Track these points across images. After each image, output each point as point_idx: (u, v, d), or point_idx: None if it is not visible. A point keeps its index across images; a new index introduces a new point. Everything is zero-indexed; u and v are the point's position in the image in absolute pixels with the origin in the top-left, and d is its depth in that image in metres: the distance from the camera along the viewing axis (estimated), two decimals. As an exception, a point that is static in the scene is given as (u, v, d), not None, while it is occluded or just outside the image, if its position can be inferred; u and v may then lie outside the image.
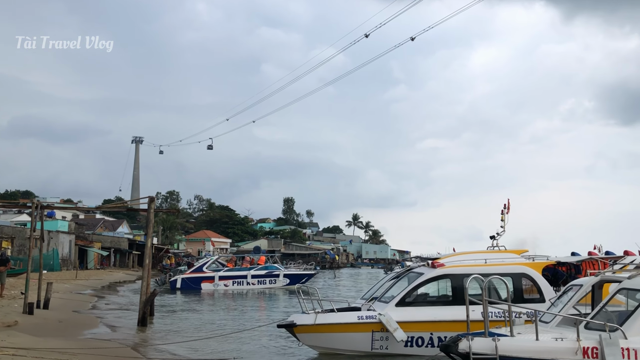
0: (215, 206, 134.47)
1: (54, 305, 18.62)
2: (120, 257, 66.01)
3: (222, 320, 18.91)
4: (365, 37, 27.67)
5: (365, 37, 27.66)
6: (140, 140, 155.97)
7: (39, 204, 17.06)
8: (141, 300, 16.24)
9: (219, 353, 11.46)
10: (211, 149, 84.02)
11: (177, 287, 35.38)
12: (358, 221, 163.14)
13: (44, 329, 13.74)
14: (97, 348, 10.53)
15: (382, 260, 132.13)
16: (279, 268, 39.09)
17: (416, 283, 11.00)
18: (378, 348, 10.68)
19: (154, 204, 17.09)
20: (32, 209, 16.75)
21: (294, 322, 10.76)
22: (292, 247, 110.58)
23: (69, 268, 49.89)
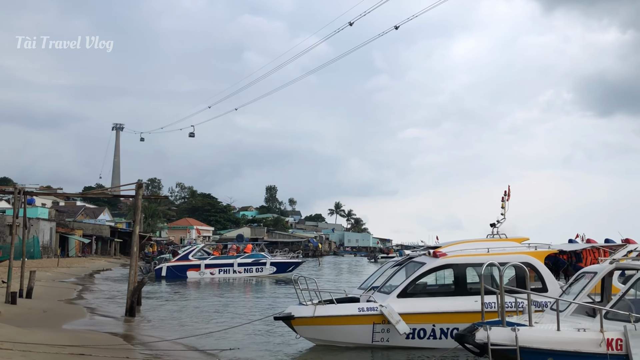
0: (197, 194, 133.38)
1: (37, 294, 18.03)
2: (102, 244, 64.97)
3: (213, 310, 18.52)
4: (349, 25, 27.18)
5: (349, 25, 27.18)
6: (120, 127, 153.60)
7: (21, 189, 16.40)
8: (129, 290, 15.76)
9: (215, 344, 11.07)
10: (193, 136, 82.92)
11: (162, 276, 34.76)
12: (340, 210, 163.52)
13: (29, 320, 13.20)
14: (87, 346, 10.03)
15: (364, 249, 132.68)
16: (266, 256, 38.72)
17: (418, 273, 10.70)
18: (379, 340, 10.38)
19: (142, 189, 16.55)
20: (14, 195, 16.08)
21: (291, 314, 10.39)
22: (275, 235, 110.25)
23: (50, 256, 48.90)
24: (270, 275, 36.87)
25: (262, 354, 10.57)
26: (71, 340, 10.34)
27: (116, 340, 10.92)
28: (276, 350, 10.92)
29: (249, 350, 10.82)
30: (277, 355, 10.52)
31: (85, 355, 8.88)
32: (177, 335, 12.32)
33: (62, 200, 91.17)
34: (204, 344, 11.08)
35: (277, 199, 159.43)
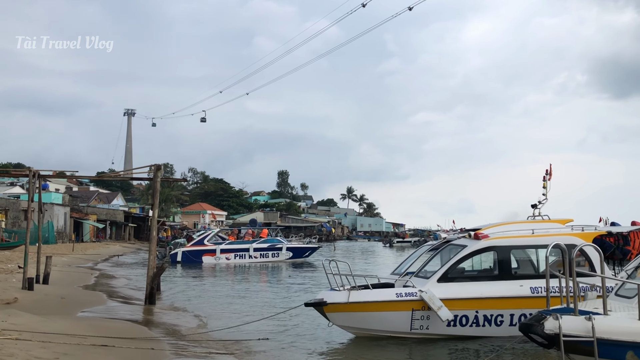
0: (210, 179, 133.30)
1: (53, 280, 17.60)
2: (116, 229, 64.96)
3: (235, 295, 17.99)
4: (362, 6, 26.30)
5: (362, 7, 26.29)
6: (132, 112, 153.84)
7: (36, 172, 15.86)
8: (148, 275, 15.21)
9: (244, 334, 10.47)
10: (204, 121, 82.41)
11: (178, 261, 34.40)
12: (352, 194, 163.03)
13: (46, 306, 12.71)
14: (109, 336, 9.47)
15: (376, 233, 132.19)
16: (282, 241, 38.19)
17: (459, 257, 9.99)
18: (418, 328, 9.73)
19: (161, 172, 15.94)
20: (29, 178, 15.56)
21: (323, 300, 9.72)
22: (288, 220, 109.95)
23: (65, 241, 48.86)
24: (287, 261, 36.40)
25: (294, 344, 9.94)
26: (91, 329, 9.80)
27: (139, 330, 10.36)
28: (307, 340, 10.28)
29: (279, 339, 10.21)
30: (309, 346, 9.89)
31: (108, 347, 8.32)
32: (203, 324, 11.79)
33: (75, 185, 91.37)
34: (232, 333, 10.48)
35: (289, 184, 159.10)
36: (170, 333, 10.54)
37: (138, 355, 8.17)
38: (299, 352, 9.38)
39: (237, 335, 10.40)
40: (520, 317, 9.85)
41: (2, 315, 9.87)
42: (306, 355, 9.29)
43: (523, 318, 9.86)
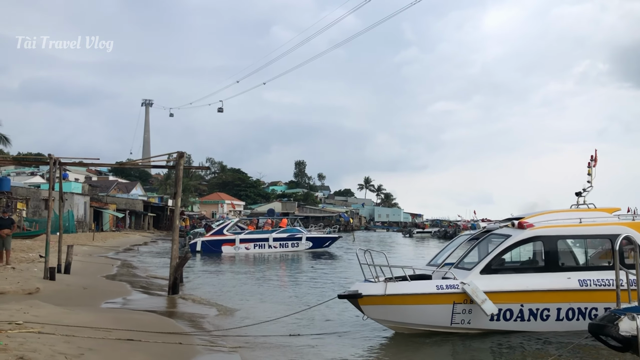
0: (227, 169, 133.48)
1: (75, 270, 17.35)
2: (135, 219, 65.18)
3: (255, 284, 17.59)
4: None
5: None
6: (150, 103, 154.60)
7: (57, 159, 15.53)
8: (171, 266, 14.84)
9: (274, 328, 9.98)
10: (221, 111, 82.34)
11: (197, 250, 34.18)
12: (370, 184, 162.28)
13: (68, 297, 12.40)
14: (135, 330, 9.06)
15: (394, 224, 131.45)
16: (302, 231, 37.77)
17: (503, 247, 9.38)
18: (458, 323, 9.15)
19: (184, 159, 15.51)
20: (49, 165, 15.23)
21: (358, 292, 9.17)
22: (306, 210, 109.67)
23: (85, 230, 49.05)
24: (306, 251, 36.01)
25: (327, 339, 9.44)
26: (116, 321, 9.40)
27: (165, 323, 9.93)
28: (341, 335, 9.75)
29: (311, 334, 9.71)
30: (343, 341, 9.37)
31: (134, 341, 7.90)
32: (230, 317, 11.34)
33: (94, 175, 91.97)
34: (262, 327, 10.00)
35: (306, 174, 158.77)
36: (197, 326, 10.10)
37: (166, 350, 7.74)
38: (332, 348, 8.87)
39: (266, 329, 9.92)
40: (568, 311, 9.27)
41: (25, 306, 9.52)
42: (341, 350, 8.78)
43: (570, 313, 9.28)
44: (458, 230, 64.30)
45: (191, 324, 10.43)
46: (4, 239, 16.82)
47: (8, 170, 78.64)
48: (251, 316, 11.37)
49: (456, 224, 68.50)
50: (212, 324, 10.48)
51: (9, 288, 12.27)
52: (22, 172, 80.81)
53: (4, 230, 16.84)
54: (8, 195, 43.89)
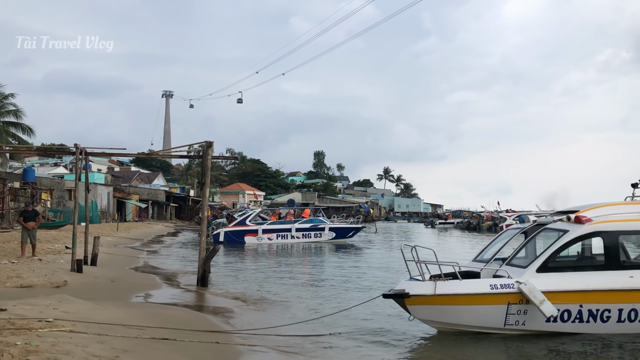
0: (247, 159, 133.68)
1: (101, 261, 17.10)
2: (157, 209, 65.40)
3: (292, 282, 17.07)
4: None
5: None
6: (170, 94, 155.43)
7: (83, 149, 15.20)
8: (200, 257, 14.46)
9: (313, 326, 9.46)
10: (241, 102, 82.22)
11: (220, 241, 33.92)
12: (389, 175, 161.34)
13: (97, 291, 12.06)
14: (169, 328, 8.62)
15: (414, 214, 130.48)
16: (325, 221, 37.30)
17: (561, 243, 8.70)
18: (513, 324, 8.54)
19: (212, 149, 15.05)
20: (76, 155, 14.89)
21: (405, 291, 8.60)
22: (326, 200, 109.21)
23: (108, 220, 49.24)
24: (329, 241, 35.57)
25: (370, 339, 8.89)
26: (148, 317, 8.98)
27: (199, 319, 9.48)
28: (384, 335, 9.17)
29: (352, 334, 9.17)
30: (387, 341, 8.82)
31: (169, 340, 7.45)
32: (264, 313, 10.86)
33: (117, 165, 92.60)
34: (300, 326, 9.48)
35: (325, 164, 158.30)
36: (231, 323, 9.63)
37: (205, 351, 7.27)
38: (377, 349, 8.34)
39: (304, 328, 9.41)
40: (630, 312, 8.58)
41: (54, 301, 9.15)
42: (385, 352, 8.24)
43: (633, 314, 8.60)
44: (481, 221, 63.24)
45: (224, 320, 9.98)
46: (30, 232, 16.58)
47: (32, 161, 79.58)
48: (285, 313, 10.88)
49: (479, 215, 67.39)
50: (245, 321, 9.97)
51: (37, 281, 11.98)
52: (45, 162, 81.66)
53: (29, 223, 16.61)
54: (33, 185, 44.17)
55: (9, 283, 11.62)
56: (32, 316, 7.70)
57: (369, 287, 14.71)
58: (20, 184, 43.47)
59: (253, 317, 10.37)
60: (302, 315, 10.44)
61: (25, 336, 6.63)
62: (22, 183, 43.91)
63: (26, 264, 14.52)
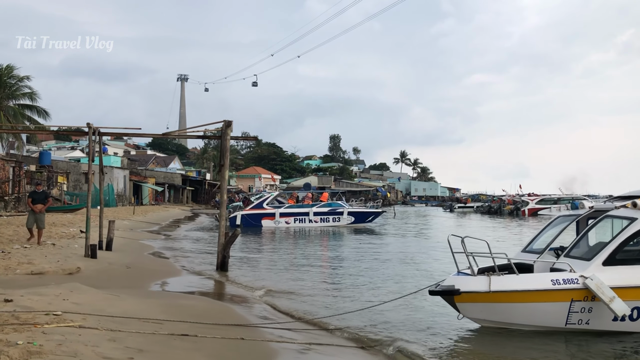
0: (262, 143, 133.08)
1: (117, 246, 16.40)
2: (174, 192, 65.06)
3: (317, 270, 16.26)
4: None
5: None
6: (185, 78, 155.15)
7: (97, 129, 14.42)
8: (220, 242, 13.71)
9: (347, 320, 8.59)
10: (256, 85, 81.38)
11: (237, 224, 33.19)
12: (405, 158, 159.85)
13: (111, 278, 11.34)
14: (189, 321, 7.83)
15: (431, 198, 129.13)
16: (343, 205, 36.41)
17: (629, 233, 7.67)
18: (575, 323, 7.58)
19: (231, 129, 14.19)
20: (89, 135, 14.12)
21: (455, 287, 7.64)
22: (342, 184, 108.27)
23: (124, 204, 48.93)
24: (348, 226, 34.74)
25: (413, 334, 8.01)
26: (165, 309, 8.20)
27: (222, 310, 8.67)
28: (429, 332, 8.25)
29: (392, 330, 8.28)
30: (435, 338, 7.91)
31: (190, 337, 6.65)
32: (290, 304, 10.01)
33: (133, 149, 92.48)
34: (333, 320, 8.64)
35: (341, 148, 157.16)
36: (256, 314, 8.81)
37: (229, 348, 6.46)
38: (421, 346, 7.44)
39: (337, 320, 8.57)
40: None
41: (65, 290, 8.41)
42: (431, 351, 7.35)
43: None
44: (503, 205, 61.87)
45: (248, 311, 9.17)
46: (37, 215, 14.68)
47: (49, 145, 79.64)
48: (314, 302, 10.04)
49: (500, 199, 65.97)
50: (271, 312, 9.16)
51: (48, 268, 11.29)
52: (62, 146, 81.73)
53: (37, 205, 14.76)
54: (49, 168, 43.90)
55: (19, 270, 10.93)
56: (39, 309, 6.95)
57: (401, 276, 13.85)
58: (37, 167, 43.21)
59: (281, 307, 9.53)
60: (338, 305, 9.56)
61: (30, 333, 5.86)
62: (38, 166, 43.66)
63: (39, 249, 13.87)
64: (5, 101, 39.41)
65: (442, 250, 18.06)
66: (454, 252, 7.87)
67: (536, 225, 39.93)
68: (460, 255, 7.76)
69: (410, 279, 12.96)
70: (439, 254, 17.47)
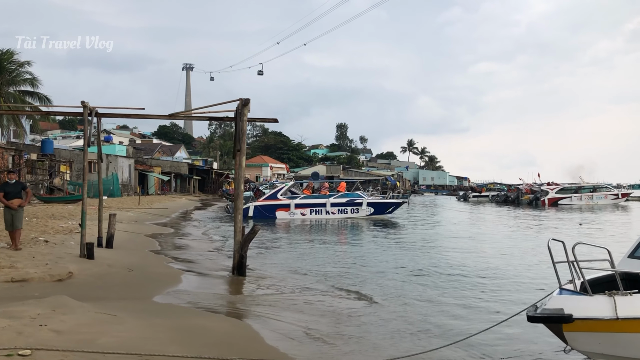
0: (269, 132, 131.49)
1: (119, 242, 14.51)
2: (180, 182, 63.27)
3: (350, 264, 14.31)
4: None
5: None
6: (190, 67, 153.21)
7: (93, 109, 12.45)
8: (236, 240, 11.70)
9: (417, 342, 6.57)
10: (262, 74, 79.58)
11: (249, 216, 31.35)
12: (413, 147, 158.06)
13: (109, 285, 9.41)
14: (209, 358, 5.89)
15: (440, 187, 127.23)
16: (362, 196, 34.41)
17: None
18: None
19: (248, 108, 12.17)
20: (84, 116, 12.14)
21: (566, 312, 5.59)
22: (350, 173, 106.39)
23: (130, 194, 47.21)
24: (367, 217, 32.77)
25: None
26: (176, 335, 6.26)
27: (251, 337, 6.67)
28: None
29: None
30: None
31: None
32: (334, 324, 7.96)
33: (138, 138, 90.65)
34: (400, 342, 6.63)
35: (348, 137, 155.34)
36: (298, 343, 6.80)
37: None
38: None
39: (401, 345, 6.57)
40: None
41: (46, 310, 6.47)
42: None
43: None
44: (521, 194, 59.69)
45: (282, 337, 7.17)
46: (14, 213, 11.39)
47: (55, 134, 78.02)
48: (369, 322, 8.02)
49: (517, 188, 63.73)
50: (315, 350, 7.00)
51: (34, 273, 9.36)
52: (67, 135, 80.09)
53: (13, 200, 11.44)
54: (51, 157, 42.11)
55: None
56: (1, 344, 5.02)
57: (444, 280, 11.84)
58: (38, 156, 41.43)
59: (325, 331, 7.50)
60: (410, 331, 7.47)
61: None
62: (40, 155, 41.88)
63: (28, 247, 11.96)
64: (5, 87, 37.53)
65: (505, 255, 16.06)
66: (555, 262, 5.86)
67: (562, 216, 37.87)
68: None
69: (495, 294, 10.51)
70: (500, 260, 15.18)
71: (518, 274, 12.48)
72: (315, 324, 7.71)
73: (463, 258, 15.25)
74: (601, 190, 56.03)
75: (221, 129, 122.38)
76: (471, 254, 16.25)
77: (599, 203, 53.48)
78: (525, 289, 10.64)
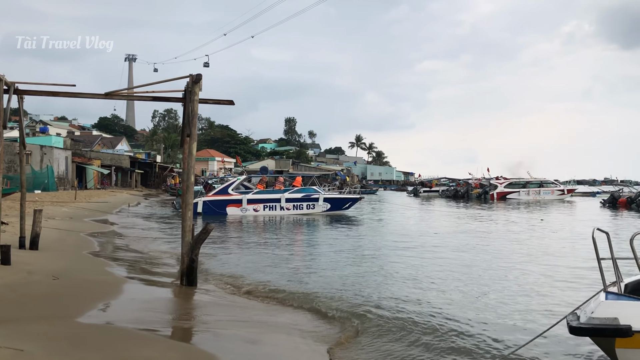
0: (215, 125, 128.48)
1: (48, 242, 12.44)
2: (122, 176, 59.92)
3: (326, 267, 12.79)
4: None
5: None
6: (133, 58, 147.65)
7: (12, 84, 10.35)
8: (184, 241, 9.88)
9: None
10: (207, 66, 77.08)
11: (198, 212, 29.23)
12: (361, 142, 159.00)
13: (25, 301, 7.44)
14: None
15: (387, 182, 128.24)
16: (318, 191, 32.95)
17: None
18: None
19: (199, 86, 10.42)
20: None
21: (621, 323, 4.35)
22: (300, 168, 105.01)
23: (66, 188, 43.94)
24: (323, 213, 31.41)
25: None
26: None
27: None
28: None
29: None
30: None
31: None
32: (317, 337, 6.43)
33: (77, 130, 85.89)
34: None
35: (297, 132, 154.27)
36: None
37: None
38: None
39: None
40: None
41: None
42: None
43: None
44: (470, 189, 60.06)
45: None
46: None
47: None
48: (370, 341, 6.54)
49: (467, 183, 64.17)
50: None
51: None
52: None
53: None
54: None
55: None
56: None
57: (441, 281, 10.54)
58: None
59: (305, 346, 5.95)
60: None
61: None
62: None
63: None
64: None
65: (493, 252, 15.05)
66: (600, 258, 4.63)
67: (511, 210, 37.89)
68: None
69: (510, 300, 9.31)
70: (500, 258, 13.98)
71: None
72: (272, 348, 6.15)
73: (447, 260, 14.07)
74: (548, 186, 57.05)
75: (165, 122, 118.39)
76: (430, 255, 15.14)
77: (546, 198, 54.40)
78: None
